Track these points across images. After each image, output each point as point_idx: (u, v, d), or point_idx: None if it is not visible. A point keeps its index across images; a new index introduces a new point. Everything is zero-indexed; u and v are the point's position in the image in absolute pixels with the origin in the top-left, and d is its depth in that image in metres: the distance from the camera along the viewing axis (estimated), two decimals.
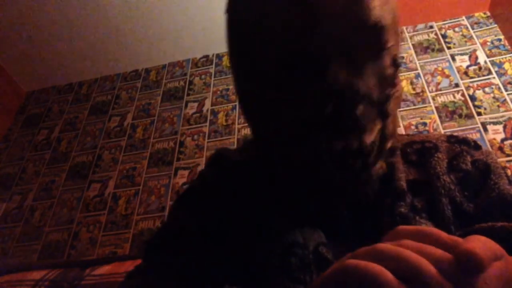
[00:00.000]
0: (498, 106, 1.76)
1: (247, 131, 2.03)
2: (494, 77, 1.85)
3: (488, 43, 1.98)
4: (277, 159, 0.48)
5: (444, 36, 2.10)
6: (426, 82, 1.94)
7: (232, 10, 0.45)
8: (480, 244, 0.24)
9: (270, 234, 0.47)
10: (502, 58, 1.91)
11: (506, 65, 1.87)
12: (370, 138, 0.40)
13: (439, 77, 1.94)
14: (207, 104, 2.22)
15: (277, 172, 0.50)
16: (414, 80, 1.96)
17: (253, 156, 0.57)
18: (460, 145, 0.54)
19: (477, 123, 1.73)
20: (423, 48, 2.08)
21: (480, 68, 1.91)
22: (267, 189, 0.50)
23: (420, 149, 0.54)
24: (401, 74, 1.97)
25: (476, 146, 0.54)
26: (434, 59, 2.02)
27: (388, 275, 0.24)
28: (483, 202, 0.48)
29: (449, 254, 0.25)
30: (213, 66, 2.39)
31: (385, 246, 0.26)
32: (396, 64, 0.44)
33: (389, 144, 0.44)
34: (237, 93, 0.50)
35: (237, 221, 0.50)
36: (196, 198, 0.56)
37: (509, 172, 1.55)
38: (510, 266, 0.26)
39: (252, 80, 0.44)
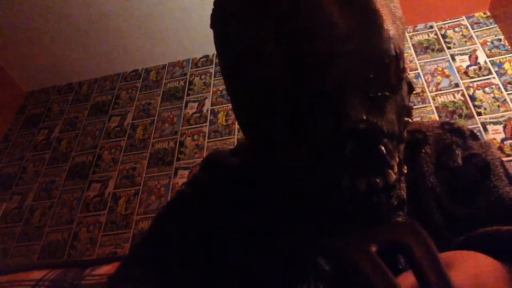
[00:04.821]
0: (498, 106, 1.76)
1: None
2: (494, 77, 1.85)
3: (488, 43, 1.98)
4: (284, 184, 0.45)
5: (444, 36, 2.10)
6: (426, 82, 1.94)
7: (222, 36, 0.40)
8: None
9: (267, 243, 0.46)
10: (502, 58, 1.91)
11: (506, 65, 1.87)
12: (393, 174, 0.38)
13: (439, 77, 1.94)
14: (207, 104, 2.21)
15: (280, 183, 0.48)
16: (414, 80, 1.96)
17: (252, 162, 0.55)
18: (452, 135, 0.51)
19: (477, 123, 1.73)
20: (423, 48, 2.08)
21: (480, 68, 1.90)
22: (265, 197, 0.49)
23: (410, 142, 0.50)
24: None
25: (473, 136, 0.51)
26: (434, 59, 2.02)
27: None
28: (481, 206, 0.46)
29: None
30: (213, 66, 2.39)
31: None
32: (411, 90, 0.41)
33: (405, 168, 0.41)
34: (236, 117, 0.46)
35: (229, 229, 0.49)
36: (186, 205, 0.54)
37: None
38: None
39: (253, 115, 0.41)
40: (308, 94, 0.35)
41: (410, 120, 0.40)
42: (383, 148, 0.36)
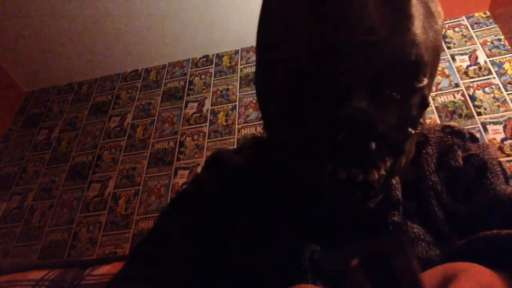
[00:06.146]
0: (498, 106, 1.76)
1: (247, 131, 2.02)
2: (494, 77, 1.85)
3: (488, 43, 1.98)
4: (283, 170, 0.47)
5: (444, 36, 2.09)
6: None
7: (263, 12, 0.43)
8: None
9: (267, 243, 0.46)
10: (502, 58, 1.91)
11: (506, 65, 1.87)
12: (377, 174, 0.38)
13: (439, 77, 1.94)
14: (207, 104, 2.21)
15: (280, 182, 0.49)
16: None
17: (255, 162, 0.55)
18: (453, 137, 0.52)
19: (477, 123, 1.73)
20: None
21: (480, 68, 1.90)
22: (265, 196, 0.50)
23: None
24: None
25: (473, 139, 0.52)
26: None
27: None
28: (478, 203, 0.46)
29: None
30: (213, 66, 2.39)
31: None
32: (424, 105, 0.41)
33: (395, 179, 0.41)
34: (256, 86, 0.48)
35: (230, 228, 0.50)
36: (187, 203, 0.54)
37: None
38: None
39: (270, 84, 0.43)
40: (321, 77, 0.36)
41: (413, 132, 0.40)
42: (373, 145, 0.36)
